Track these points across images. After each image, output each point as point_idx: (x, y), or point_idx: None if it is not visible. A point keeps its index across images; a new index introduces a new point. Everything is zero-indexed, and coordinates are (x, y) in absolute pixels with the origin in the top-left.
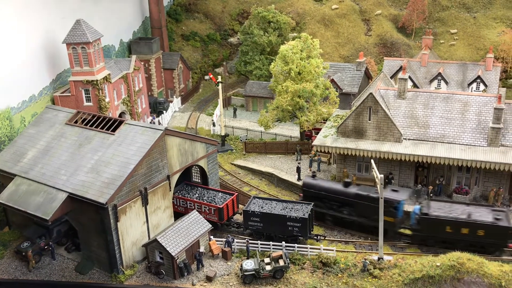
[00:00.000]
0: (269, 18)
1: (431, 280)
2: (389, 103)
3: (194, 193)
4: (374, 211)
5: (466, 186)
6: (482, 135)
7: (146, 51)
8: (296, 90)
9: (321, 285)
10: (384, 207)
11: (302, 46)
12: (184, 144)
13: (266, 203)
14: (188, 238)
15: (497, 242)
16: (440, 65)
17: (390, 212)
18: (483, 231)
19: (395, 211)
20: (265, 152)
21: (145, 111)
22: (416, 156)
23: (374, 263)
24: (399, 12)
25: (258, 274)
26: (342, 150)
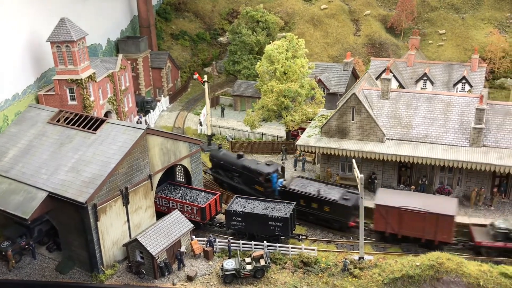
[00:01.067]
0: (257, 17)
1: (410, 280)
2: (372, 103)
3: (177, 192)
4: (254, 180)
5: (448, 186)
6: (464, 136)
7: (134, 50)
8: (281, 90)
9: (301, 284)
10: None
11: (287, 46)
12: (166, 144)
13: (249, 203)
14: (169, 238)
15: (340, 219)
16: (426, 66)
17: (260, 182)
18: (328, 208)
19: (267, 183)
20: (251, 151)
21: (132, 110)
22: (398, 156)
23: (354, 263)
24: (388, 12)
25: (238, 273)
26: (325, 150)
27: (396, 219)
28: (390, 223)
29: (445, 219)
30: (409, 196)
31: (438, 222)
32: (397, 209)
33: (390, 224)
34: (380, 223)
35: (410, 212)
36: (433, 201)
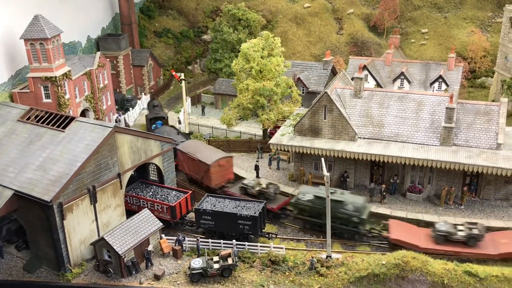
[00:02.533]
0: (238, 15)
1: (376, 279)
2: (345, 102)
3: (148, 191)
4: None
5: (419, 185)
6: (435, 134)
7: (114, 48)
8: (256, 88)
9: (268, 283)
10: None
11: (263, 44)
12: (136, 142)
13: (219, 201)
14: (137, 237)
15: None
16: (403, 65)
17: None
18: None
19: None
20: (229, 150)
21: (111, 108)
22: (369, 155)
23: (322, 261)
24: (372, 11)
25: (205, 272)
26: (298, 148)
27: (186, 162)
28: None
29: (204, 165)
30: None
31: (200, 167)
32: (186, 155)
33: (183, 166)
34: (180, 165)
35: (190, 157)
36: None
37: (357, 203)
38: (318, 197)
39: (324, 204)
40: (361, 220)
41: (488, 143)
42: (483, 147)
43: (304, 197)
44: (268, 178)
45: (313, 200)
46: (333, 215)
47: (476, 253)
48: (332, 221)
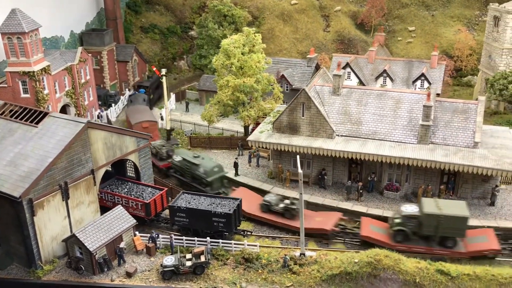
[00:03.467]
0: (224, 12)
1: (348, 277)
2: (324, 99)
3: (124, 187)
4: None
5: (397, 183)
6: (412, 132)
7: (98, 43)
8: (236, 84)
9: (240, 280)
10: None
11: (244, 41)
12: (111, 138)
13: (194, 199)
14: (109, 234)
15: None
16: (387, 62)
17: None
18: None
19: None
20: (210, 147)
21: (93, 103)
22: (345, 152)
23: (295, 259)
24: (359, 8)
25: (177, 270)
26: (276, 145)
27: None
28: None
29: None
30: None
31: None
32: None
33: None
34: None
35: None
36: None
37: (207, 168)
38: (185, 159)
39: (187, 165)
40: (207, 182)
41: (465, 142)
42: (460, 145)
43: (176, 158)
44: (247, 175)
45: (181, 161)
46: (192, 174)
47: (288, 224)
48: (190, 180)
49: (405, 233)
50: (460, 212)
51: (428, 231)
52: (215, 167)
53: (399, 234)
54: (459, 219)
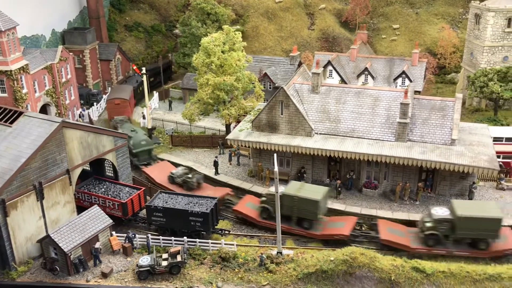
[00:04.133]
0: (207, 10)
1: (324, 275)
2: (303, 97)
3: (101, 187)
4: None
5: (375, 181)
6: (390, 130)
7: (80, 42)
8: (216, 83)
9: (216, 280)
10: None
11: (224, 39)
12: (87, 137)
13: (172, 198)
14: (84, 234)
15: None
16: (368, 60)
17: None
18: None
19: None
20: (192, 146)
21: (75, 103)
22: (324, 150)
23: (272, 258)
24: (344, 6)
25: (153, 270)
26: (255, 144)
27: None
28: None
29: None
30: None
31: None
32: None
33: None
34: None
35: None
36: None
37: (136, 141)
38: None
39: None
40: (134, 153)
41: (443, 139)
42: (438, 142)
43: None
44: (228, 174)
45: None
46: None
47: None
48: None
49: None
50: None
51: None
52: (143, 141)
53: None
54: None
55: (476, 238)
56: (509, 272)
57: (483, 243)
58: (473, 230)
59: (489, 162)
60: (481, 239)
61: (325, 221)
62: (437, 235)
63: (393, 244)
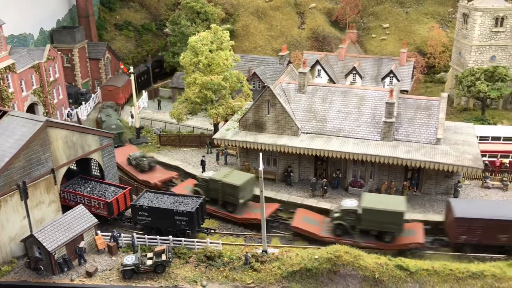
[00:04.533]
0: (197, 9)
1: (308, 273)
2: (290, 96)
3: (87, 187)
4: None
5: (361, 180)
6: (376, 129)
7: (69, 41)
8: (204, 82)
9: (201, 279)
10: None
11: (212, 38)
12: (72, 137)
13: (157, 197)
14: (69, 233)
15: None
16: (356, 59)
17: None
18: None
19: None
20: (180, 145)
21: (63, 102)
22: (310, 149)
23: (257, 256)
24: (334, 5)
25: (137, 269)
26: (242, 143)
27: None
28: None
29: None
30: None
31: None
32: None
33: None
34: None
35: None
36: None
37: (107, 125)
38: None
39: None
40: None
41: (428, 138)
42: (423, 142)
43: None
44: None
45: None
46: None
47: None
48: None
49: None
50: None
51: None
52: (113, 125)
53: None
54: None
55: (381, 230)
56: (492, 270)
57: (388, 235)
58: (377, 222)
59: (473, 161)
60: (386, 232)
61: (251, 206)
62: (344, 225)
63: (303, 232)
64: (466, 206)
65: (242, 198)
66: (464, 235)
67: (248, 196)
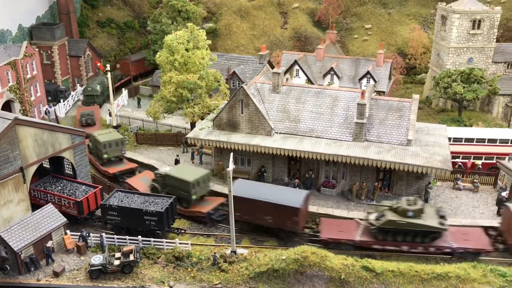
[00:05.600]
0: (178, 7)
1: (275, 274)
2: (264, 96)
3: (58, 185)
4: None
5: (333, 180)
6: (348, 130)
7: (48, 37)
8: (179, 81)
9: (168, 279)
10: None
11: (188, 37)
12: (42, 135)
13: (128, 197)
14: (36, 233)
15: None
16: (335, 60)
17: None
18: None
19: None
20: (156, 144)
21: (41, 99)
22: (282, 150)
23: (225, 257)
24: (317, 6)
25: (105, 269)
26: (215, 143)
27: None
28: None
29: None
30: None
31: None
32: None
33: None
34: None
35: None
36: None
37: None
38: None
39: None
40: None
41: (399, 139)
42: (394, 143)
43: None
44: None
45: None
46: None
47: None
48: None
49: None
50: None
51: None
52: (89, 87)
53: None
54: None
55: (179, 196)
56: (456, 271)
57: (184, 201)
58: (175, 188)
59: (442, 163)
60: (182, 198)
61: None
62: (155, 186)
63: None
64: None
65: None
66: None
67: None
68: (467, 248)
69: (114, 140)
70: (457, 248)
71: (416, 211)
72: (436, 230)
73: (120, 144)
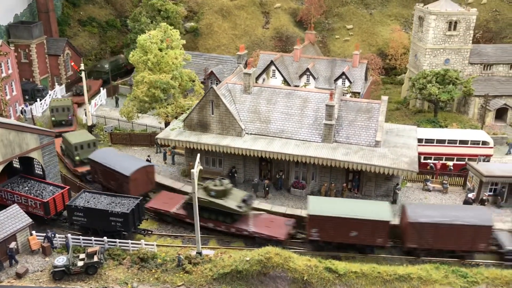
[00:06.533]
0: (158, 6)
1: (239, 275)
2: (235, 97)
3: (25, 186)
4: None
5: (303, 181)
6: (317, 131)
7: (26, 36)
8: (152, 80)
9: (132, 280)
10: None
11: (162, 36)
12: (8, 135)
13: (94, 198)
14: (0, 233)
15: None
16: (311, 61)
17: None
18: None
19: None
20: (131, 144)
21: (16, 98)
22: (252, 150)
23: (190, 258)
24: (299, 6)
25: (68, 270)
26: (185, 143)
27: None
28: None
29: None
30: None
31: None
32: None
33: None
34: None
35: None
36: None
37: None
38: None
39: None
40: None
41: (367, 141)
42: (362, 144)
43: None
44: (161, 173)
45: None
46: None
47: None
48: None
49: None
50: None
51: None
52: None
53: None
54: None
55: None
56: (419, 272)
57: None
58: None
59: (408, 164)
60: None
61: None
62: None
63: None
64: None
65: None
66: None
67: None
68: (261, 234)
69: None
70: (253, 232)
71: (218, 191)
72: (233, 212)
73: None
